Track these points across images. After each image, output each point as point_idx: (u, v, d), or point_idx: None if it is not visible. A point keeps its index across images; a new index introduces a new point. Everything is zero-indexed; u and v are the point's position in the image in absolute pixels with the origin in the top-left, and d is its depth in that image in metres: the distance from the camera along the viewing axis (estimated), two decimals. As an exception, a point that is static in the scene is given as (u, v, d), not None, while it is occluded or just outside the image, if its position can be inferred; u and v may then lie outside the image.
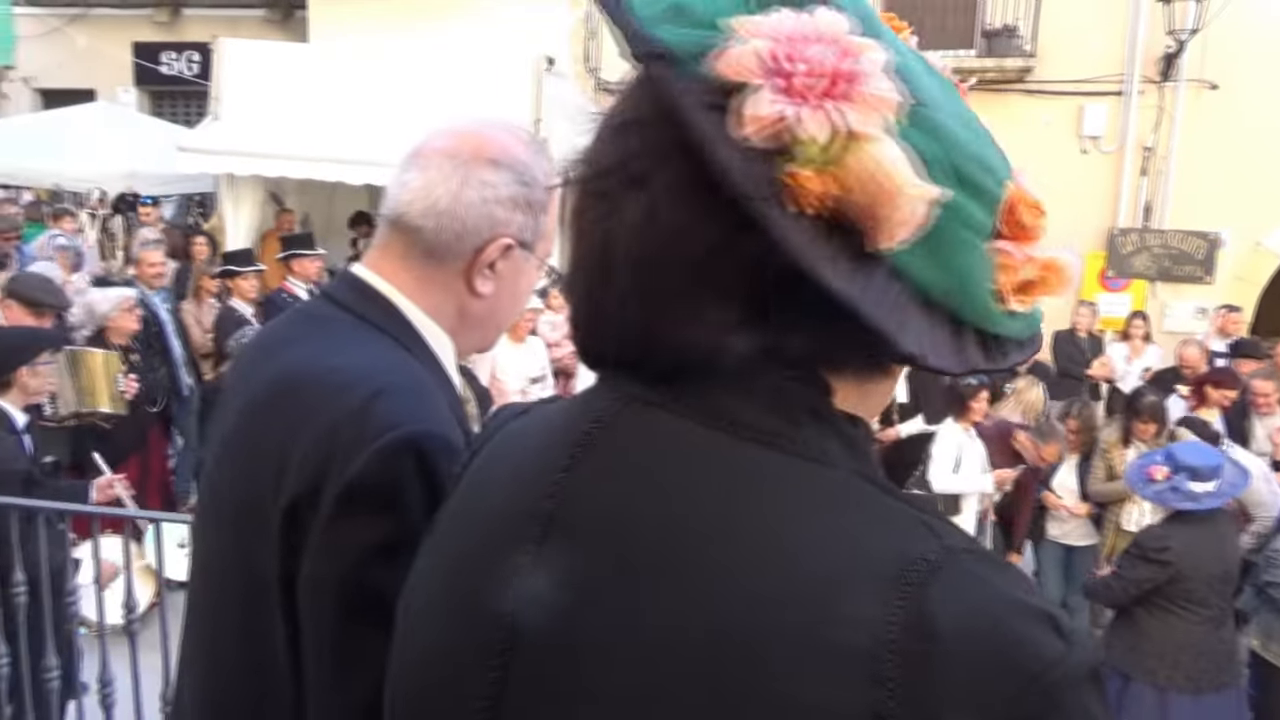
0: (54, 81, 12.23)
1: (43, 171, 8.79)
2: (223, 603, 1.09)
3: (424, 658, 0.66)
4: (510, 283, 1.13)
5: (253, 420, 1.05)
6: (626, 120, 0.59)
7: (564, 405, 0.71)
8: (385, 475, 0.92)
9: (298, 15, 10.91)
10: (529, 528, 0.60)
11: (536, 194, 1.10)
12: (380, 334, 1.07)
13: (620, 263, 0.57)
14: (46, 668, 3.00)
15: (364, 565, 0.92)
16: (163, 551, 2.98)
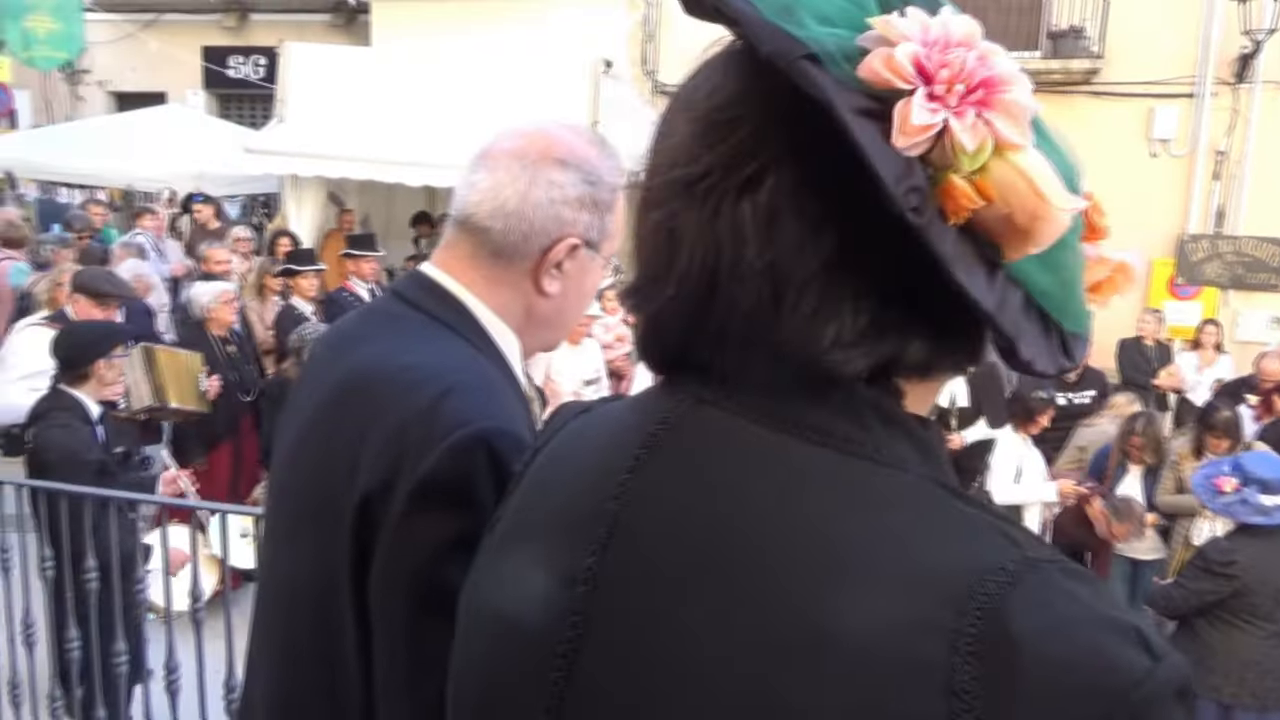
0: (127, 85, 12.63)
1: (116, 172, 9.07)
2: (294, 602, 1.09)
3: (487, 656, 0.66)
4: (577, 282, 1.13)
5: (325, 419, 1.06)
6: (723, 119, 0.56)
7: (626, 405, 0.70)
8: (457, 472, 0.93)
9: (360, 20, 11.12)
10: (594, 529, 0.60)
11: (603, 194, 1.10)
12: (450, 332, 1.08)
13: (731, 272, 0.55)
14: (116, 652, 3.09)
15: (437, 562, 0.92)
16: (228, 541, 3.05)
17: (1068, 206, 0.51)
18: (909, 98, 0.50)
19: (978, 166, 0.50)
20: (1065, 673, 0.46)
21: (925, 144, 0.50)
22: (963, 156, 0.50)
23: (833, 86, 0.50)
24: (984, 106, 0.50)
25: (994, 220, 0.51)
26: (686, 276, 0.57)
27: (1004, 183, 0.50)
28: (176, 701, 2.94)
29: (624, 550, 0.58)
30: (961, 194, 0.50)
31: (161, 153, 9.03)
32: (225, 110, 12.55)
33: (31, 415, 3.72)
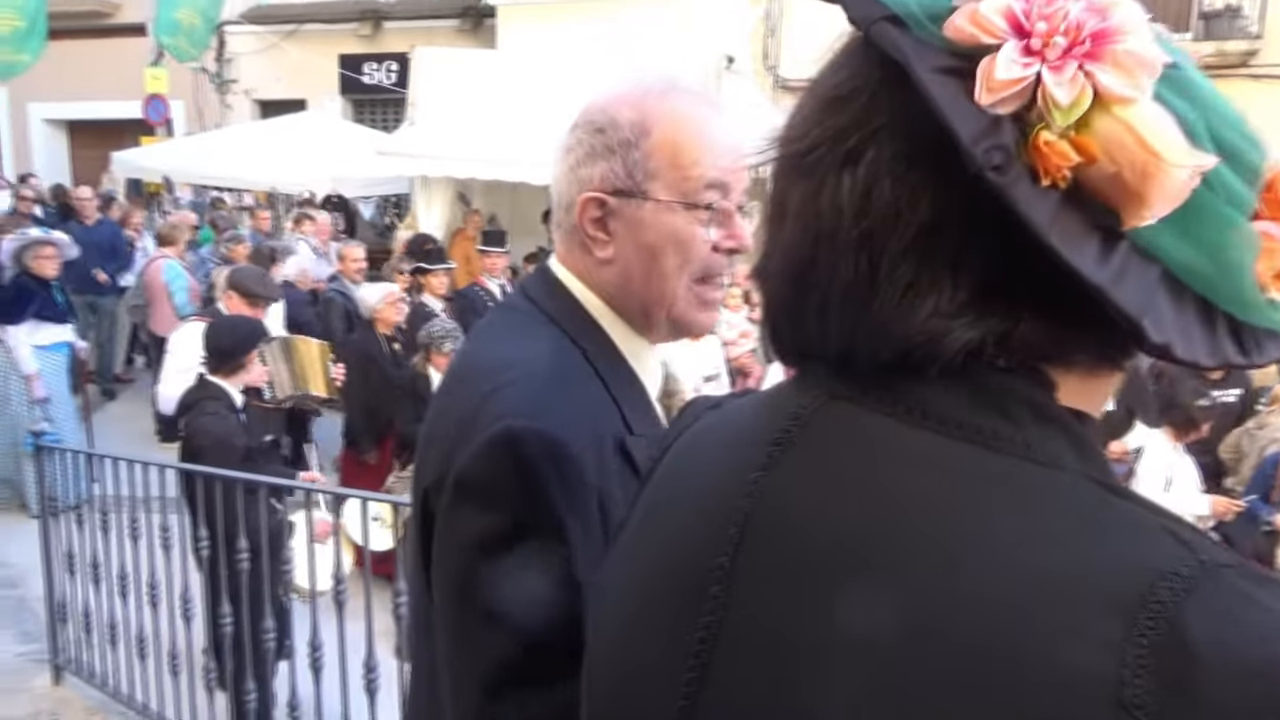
0: (270, 93, 13.34)
1: (260, 175, 9.58)
2: (416, 589, 1.13)
3: (617, 655, 0.65)
4: (631, 236, 1.04)
5: (435, 409, 1.09)
6: (838, 95, 0.55)
7: (758, 401, 0.68)
8: (484, 469, 0.91)
9: (487, 24, 11.41)
10: (725, 527, 0.58)
11: (617, 134, 1.03)
12: (548, 324, 1.06)
13: (829, 244, 0.54)
14: (264, 629, 3.25)
15: (468, 560, 0.92)
16: (367, 526, 3.17)
17: (1186, 163, 0.47)
18: (996, 52, 0.47)
19: (1074, 121, 0.47)
20: (1249, 684, 0.42)
21: (1014, 100, 0.47)
22: (1056, 111, 0.46)
23: (912, 46, 0.49)
24: (1090, 59, 0.47)
25: (1103, 181, 0.47)
26: (789, 249, 0.57)
27: (1110, 138, 0.47)
28: (320, 678, 3.07)
29: (757, 550, 0.56)
30: (1056, 152, 0.46)
31: (301, 156, 9.49)
32: (359, 115, 13.10)
33: (182, 404, 3.96)
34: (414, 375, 4.96)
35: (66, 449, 4.46)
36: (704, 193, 1.03)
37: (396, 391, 4.99)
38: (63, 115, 15.34)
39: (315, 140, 10.03)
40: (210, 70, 13.40)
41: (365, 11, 12.31)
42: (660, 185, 1.02)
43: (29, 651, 4.51)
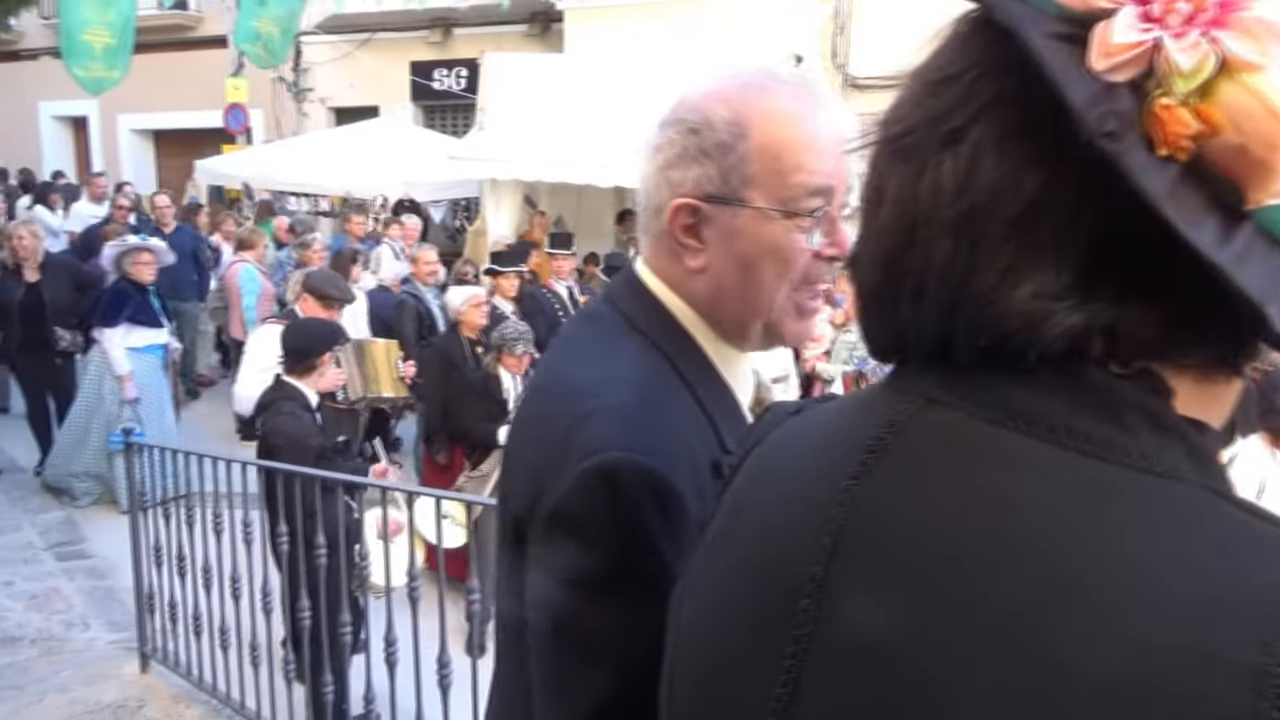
0: (344, 100, 13.66)
1: (335, 181, 9.82)
2: (505, 607, 1.09)
3: (704, 666, 0.64)
4: (725, 245, 0.97)
5: (518, 419, 1.07)
6: (941, 77, 0.53)
7: (845, 405, 0.66)
8: (581, 504, 0.87)
9: (554, 28, 11.51)
10: (818, 536, 0.56)
11: (714, 136, 0.95)
12: (634, 334, 1.00)
13: (927, 227, 0.52)
14: (341, 623, 3.33)
15: (562, 596, 0.88)
16: (440, 524, 3.21)
17: None
18: (1112, 17, 0.46)
19: (1196, 87, 0.44)
20: None
21: (1131, 66, 0.45)
22: (1177, 78, 0.44)
23: (1024, 12, 0.47)
24: (1215, 25, 0.45)
25: (1226, 153, 0.45)
26: (885, 234, 0.55)
27: (1235, 107, 0.44)
28: (394, 673, 3.13)
29: (852, 560, 0.55)
30: (1175, 119, 0.44)
31: (374, 162, 9.70)
32: (430, 120, 13.33)
33: (259, 405, 4.08)
34: (485, 376, 5.02)
35: (154, 446, 4.62)
36: (806, 200, 0.95)
37: (468, 392, 5.05)
38: (149, 125, 15.97)
39: (387, 146, 10.24)
40: (287, 79, 13.78)
41: (436, 19, 12.52)
42: (759, 192, 0.95)
43: (118, 640, 4.70)
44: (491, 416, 4.89)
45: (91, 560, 5.59)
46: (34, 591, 5.18)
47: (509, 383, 4.98)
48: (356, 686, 3.50)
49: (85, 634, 4.79)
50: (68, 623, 4.89)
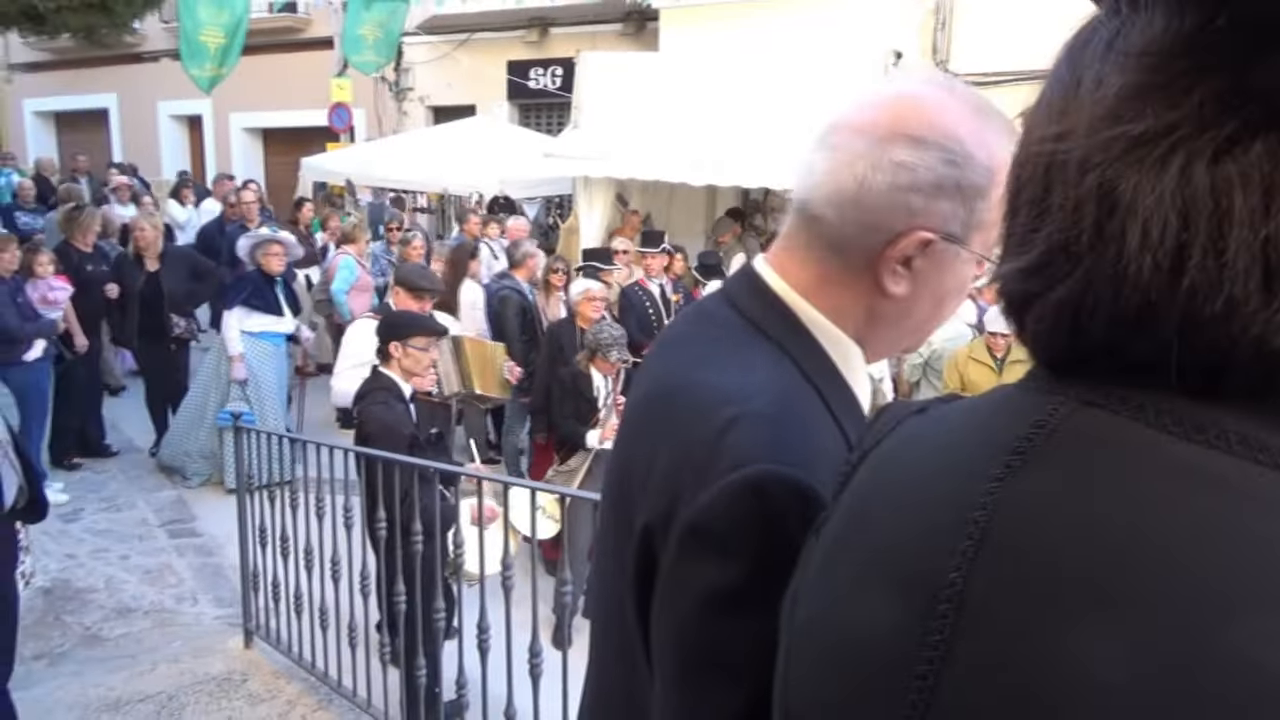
0: (442, 99, 13.98)
1: (433, 178, 10.05)
2: (606, 606, 1.07)
3: (822, 679, 0.61)
4: (933, 282, 0.95)
5: (631, 424, 1.03)
6: (1182, 67, 0.49)
7: (977, 405, 0.63)
8: (724, 518, 0.83)
9: (650, 27, 11.54)
10: (954, 541, 0.53)
11: (972, 176, 0.91)
12: (766, 342, 0.97)
13: (1204, 243, 0.48)
14: (435, 609, 3.40)
15: (700, 612, 0.84)
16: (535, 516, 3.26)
17: None
18: None
19: None
20: None
21: None
22: None
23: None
24: None
25: None
26: (1142, 251, 0.49)
27: None
28: (486, 660, 3.19)
29: (995, 566, 0.52)
30: None
31: (470, 160, 9.89)
32: (525, 119, 13.53)
33: (357, 394, 4.20)
34: (575, 373, 5.06)
35: (261, 430, 4.81)
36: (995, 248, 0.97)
37: (560, 386, 5.11)
38: (259, 124, 16.65)
39: (484, 144, 10.42)
40: (389, 79, 14.17)
41: (533, 19, 12.70)
42: (979, 238, 0.94)
43: (224, 615, 4.91)
44: (580, 415, 4.93)
45: (201, 538, 5.86)
46: (148, 566, 5.46)
47: (599, 382, 5.01)
48: (448, 672, 3.58)
49: (194, 608, 5.03)
50: (178, 597, 5.14)
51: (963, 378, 5.65)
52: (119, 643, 4.63)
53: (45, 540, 5.47)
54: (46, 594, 5.03)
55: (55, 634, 4.67)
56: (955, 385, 5.64)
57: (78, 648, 4.57)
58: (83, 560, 5.49)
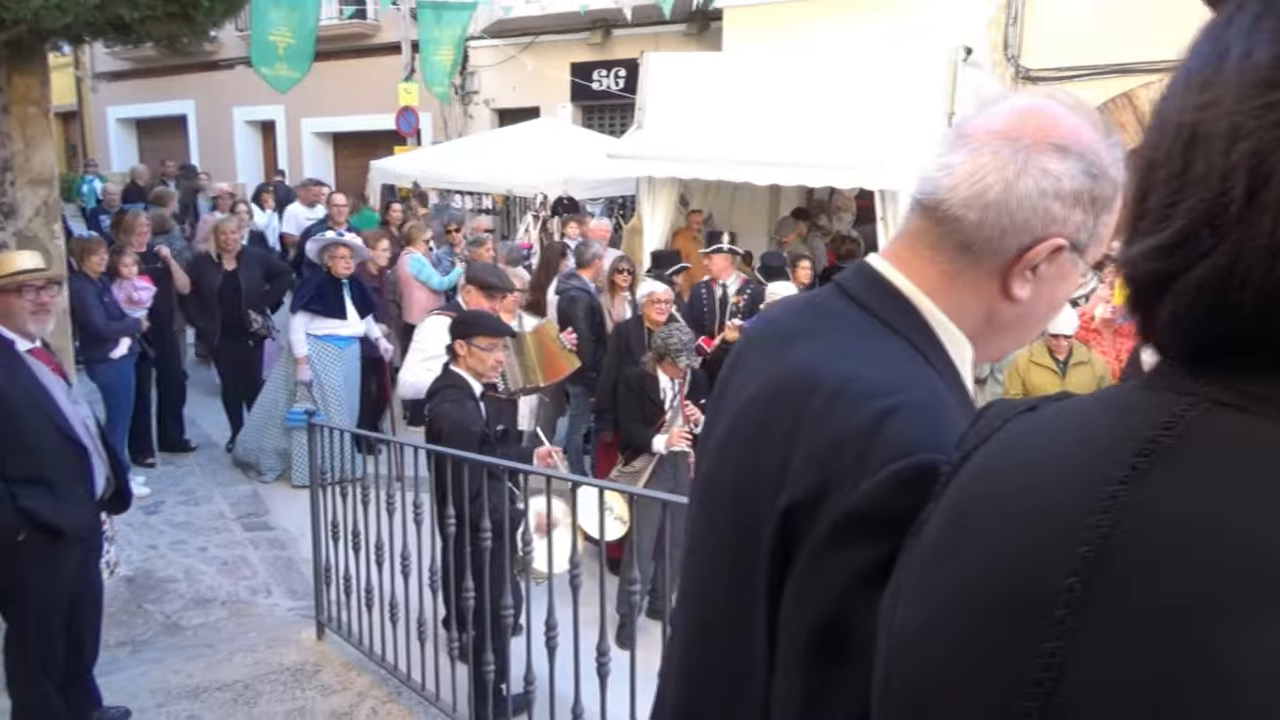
0: (507, 102, 14.14)
1: (497, 180, 10.16)
2: (708, 603, 1.07)
3: (933, 672, 0.60)
4: (1050, 288, 1.00)
5: (756, 415, 1.02)
6: None
7: (1091, 405, 0.61)
8: (890, 505, 0.84)
9: (713, 27, 11.51)
10: (1073, 545, 0.52)
11: (1104, 189, 0.95)
12: (894, 336, 0.99)
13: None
14: (504, 605, 3.44)
15: (850, 596, 0.85)
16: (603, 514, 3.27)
17: None
18: None
19: None
20: None
21: None
22: None
23: None
24: None
25: None
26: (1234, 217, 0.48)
27: None
28: (554, 657, 3.21)
29: (1119, 571, 0.50)
30: None
31: (535, 161, 9.97)
32: (589, 120, 13.62)
33: (429, 392, 4.26)
34: (641, 375, 5.06)
35: (333, 427, 4.91)
36: None
37: (625, 387, 5.12)
38: (329, 128, 17.04)
39: (548, 145, 10.51)
40: (455, 83, 14.38)
41: (596, 21, 12.76)
42: (1093, 249, 0.98)
43: (297, 607, 5.04)
44: (645, 418, 4.93)
45: (274, 532, 6.02)
46: (225, 558, 5.62)
47: (665, 384, 5.01)
48: (514, 668, 3.61)
49: (268, 600, 5.16)
50: (253, 588, 5.28)
51: (1025, 383, 5.52)
52: (197, 631, 4.78)
53: (128, 531, 5.67)
54: (129, 583, 5.22)
55: (138, 622, 4.84)
56: (1018, 391, 5.51)
57: (159, 635, 4.73)
58: (163, 551, 5.67)
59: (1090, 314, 5.90)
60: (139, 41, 5.17)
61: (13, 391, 3.33)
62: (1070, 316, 5.47)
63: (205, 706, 3.98)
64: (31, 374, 3.47)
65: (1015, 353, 5.61)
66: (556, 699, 3.29)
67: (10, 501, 3.26)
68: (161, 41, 5.18)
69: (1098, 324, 5.90)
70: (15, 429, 3.28)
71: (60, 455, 3.42)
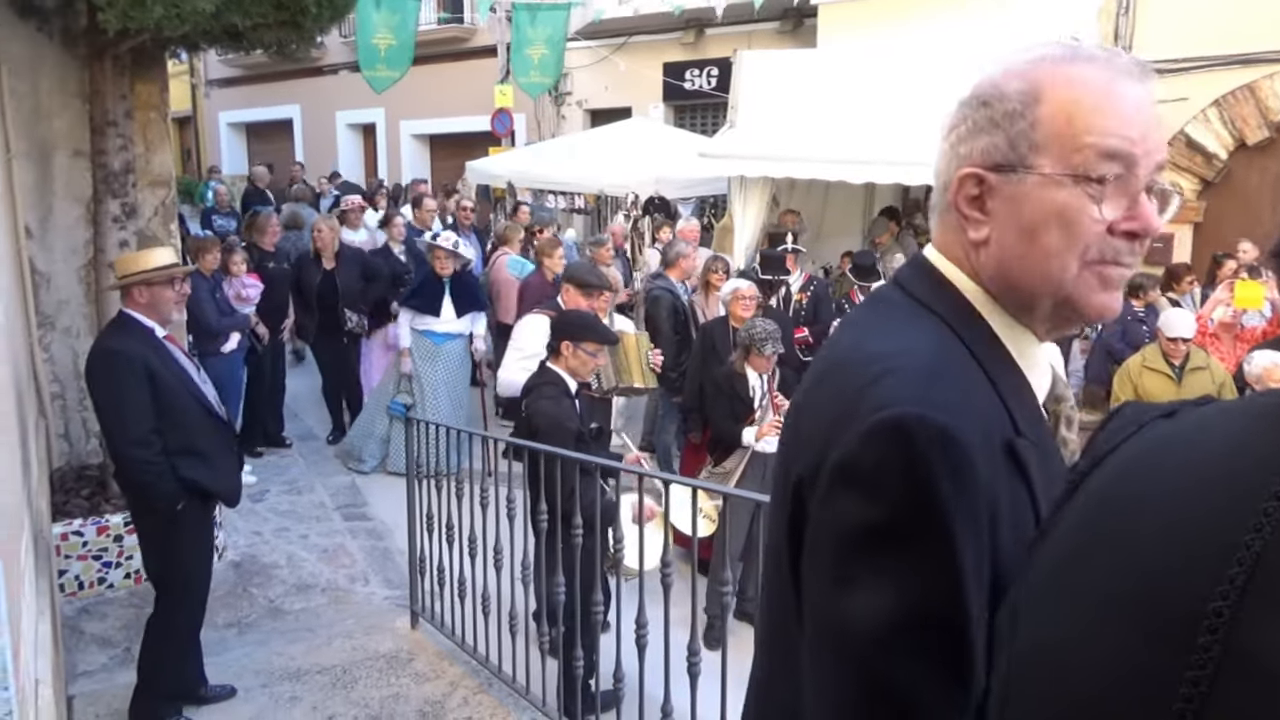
0: (600, 103, 14.25)
1: (590, 179, 10.25)
2: (769, 586, 1.10)
3: (1064, 693, 0.56)
4: (1009, 214, 0.97)
5: (803, 401, 1.05)
6: None
7: (1242, 413, 0.57)
8: (868, 457, 0.85)
9: (807, 24, 11.37)
10: (1222, 565, 0.48)
11: (1005, 105, 0.96)
12: (928, 314, 1.00)
13: None
14: (595, 601, 3.46)
15: (845, 552, 0.86)
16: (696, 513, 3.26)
17: None
18: None
19: None
20: None
21: None
22: None
23: None
24: None
25: None
26: None
27: None
28: (644, 655, 3.21)
29: (1273, 594, 0.46)
30: None
31: (626, 161, 10.02)
32: (680, 120, 13.62)
33: (525, 388, 4.31)
34: (729, 373, 5.03)
35: (429, 421, 5.02)
36: (1098, 164, 0.92)
37: (713, 387, 5.09)
38: (426, 130, 17.47)
39: (639, 145, 10.55)
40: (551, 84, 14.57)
41: (690, 20, 12.74)
42: (1047, 158, 0.94)
43: (392, 596, 5.17)
44: (735, 416, 4.90)
45: (372, 522, 6.20)
46: (325, 546, 5.82)
47: (754, 381, 4.96)
48: (603, 665, 3.63)
49: (365, 588, 5.31)
50: (351, 577, 5.45)
51: (1136, 387, 5.28)
52: (299, 616, 4.95)
53: (235, 518, 5.92)
54: (236, 567, 5.44)
55: (244, 604, 5.04)
56: (1129, 396, 5.27)
57: (263, 619, 4.91)
58: (267, 538, 5.90)
59: (1208, 318, 5.61)
60: (250, 48, 5.40)
61: (164, 373, 3.62)
62: (1186, 319, 5.20)
63: (306, 688, 4.12)
64: (173, 357, 3.76)
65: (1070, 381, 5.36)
66: (646, 697, 3.29)
67: (173, 472, 3.57)
68: (271, 47, 5.39)
69: (1215, 328, 5.60)
70: (170, 406, 3.59)
71: (207, 428, 3.74)
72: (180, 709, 3.85)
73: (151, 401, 3.53)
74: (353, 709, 3.96)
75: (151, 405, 3.53)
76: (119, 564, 4.97)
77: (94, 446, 5.44)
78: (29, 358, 4.99)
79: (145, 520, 3.72)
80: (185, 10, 4.35)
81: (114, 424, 3.57)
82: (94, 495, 5.14)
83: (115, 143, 5.04)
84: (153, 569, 3.78)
